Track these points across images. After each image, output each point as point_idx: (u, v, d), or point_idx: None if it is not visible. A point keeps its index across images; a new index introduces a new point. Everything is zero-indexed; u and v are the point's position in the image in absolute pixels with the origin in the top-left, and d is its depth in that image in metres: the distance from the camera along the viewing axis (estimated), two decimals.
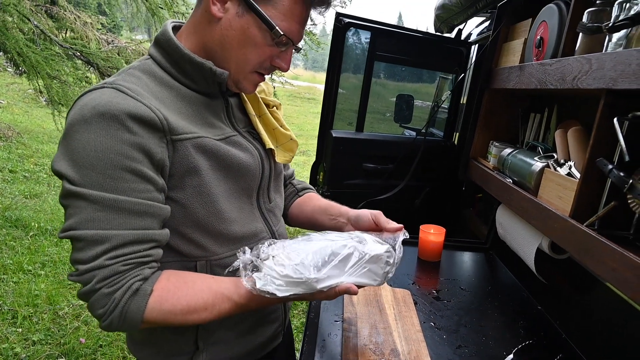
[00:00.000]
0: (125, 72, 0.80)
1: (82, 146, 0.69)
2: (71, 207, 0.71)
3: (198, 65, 0.82)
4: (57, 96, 4.17)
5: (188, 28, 0.86)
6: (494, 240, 1.71)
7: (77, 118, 0.70)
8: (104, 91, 0.73)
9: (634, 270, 0.76)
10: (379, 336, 1.09)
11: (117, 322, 0.72)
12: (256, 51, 0.82)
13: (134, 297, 0.72)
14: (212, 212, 0.83)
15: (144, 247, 0.74)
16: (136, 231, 0.72)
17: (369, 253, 0.83)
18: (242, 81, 0.87)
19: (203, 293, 0.78)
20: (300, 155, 7.95)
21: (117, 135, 0.70)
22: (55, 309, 2.71)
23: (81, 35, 5.57)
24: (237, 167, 0.86)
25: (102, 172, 0.70)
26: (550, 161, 1.18)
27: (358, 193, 2.21)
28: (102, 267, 0.70)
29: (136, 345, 0.94)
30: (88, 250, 0.70)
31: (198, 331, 0.88)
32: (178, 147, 0.77)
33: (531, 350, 1.08)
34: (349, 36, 2.38)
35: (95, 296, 0.71)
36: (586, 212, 0.96)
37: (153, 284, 0.75)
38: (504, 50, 1.59)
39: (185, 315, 0.76)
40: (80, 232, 0.70)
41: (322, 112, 2.19)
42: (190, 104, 0.83)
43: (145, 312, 0.73)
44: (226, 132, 0.88)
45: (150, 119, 0.73)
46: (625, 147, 0.86)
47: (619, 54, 0.87)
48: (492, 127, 1.68)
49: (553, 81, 1.13)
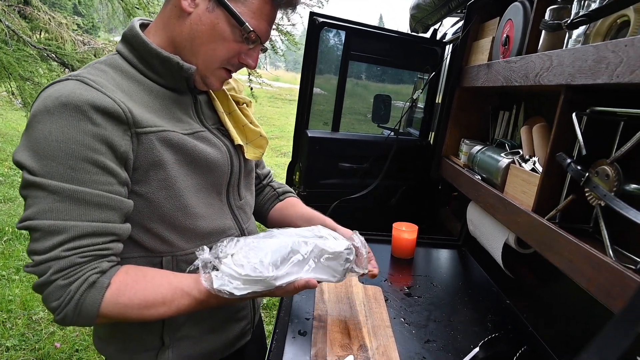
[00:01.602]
0: (91, 66, 0.80)
1: (44, 136, 0.68)
2: (30, 198, 0.69)
3: (165, 60, 0.82)
4: (31, 98, 4.07)
5: (156, 24, 0.86)
6: (466, 237, 1.73)
7: (40, 109, 0.69)
8: (68, 83, 0.72)
9: (587, 260, 0.77)
10: (349, 332, 1.09)
11: (71, 316, 0.70)
12: (224, 46, 0.83)
13: (90, 289, 0.71)
14: (178, 207, 0.83)
15: (102, 240, 0.73)
16: (95, 223, 0.71)
17: (328, 250, 0.83)
18: (209, 77, 0.87)
19: (162, 288, 0.77)
20: (280, 156, 7.92)
21: (79, 126, 0.69)
22: (29, 314, 2.65)
23: (56, 36, 5.45)
24: (205, 162, 0.86)
25: (63, 162, 0.68)
26: (516, 157, 1.20)
27: (334, 192, 2.21)
28: (58, 258, 0.69)
29: (102, 342, 0.93)
30: (44, 241, 0.68)
31: (164, 327, 0.87)
32: (142, 140, 0.77)
33: (498, 343, 1.10)
34: (329, 37, 2.38)
35: (50, 288, 0.69)
36: (548, 206, 0.98)
37: (111, 277, 0.73)
38: (474, 48, 1.61)
39: (142, 309, 0.75)
40: (38, 222, 0.68)
41: (297, 112, 2.18)
42: (158, 99, 0.83)
43: (101, 306, 0.71)
44: (194, 127, 0.88)
45: (114, 111, 0.72)
46: (582, 141, 0.88)
47: (577, 50, 0.89)
48: (463, 125, 1.70)
49: (518, 78, 1.15)
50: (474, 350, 1.06)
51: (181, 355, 0.90)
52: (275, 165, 7.44)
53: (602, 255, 0.75)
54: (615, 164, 0.80)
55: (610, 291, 0.72)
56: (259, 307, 1.10)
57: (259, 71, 4.71)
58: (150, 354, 0.88)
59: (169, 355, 0.88)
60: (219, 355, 0.98)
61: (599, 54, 0.80)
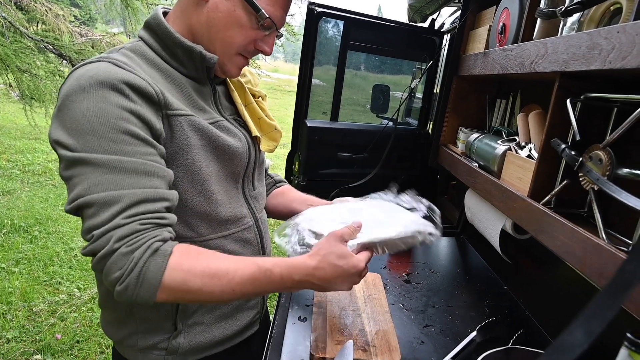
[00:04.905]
0: (117, 51, 0.81)
1: (82, 113, 0.69)
2: (75, 177, 0.69)
3: (188, 50, 0.84)
4: (29, 90, 4.07)
5: (175, 12, 0.88)
6: (465, 224, 1.75)
7: (74, 88, 0.70)
8: (100, 64, 0.73)
9: (581, 243, 0.79)
10: (348, 318, 1.11)
11: (133, 285, 0.67)
12: (241, 33, 0.85)
13: (154, 256, 0.68)
14: (201, 192, 0.84)
15: (157, 207, 0.71)
16: (148, 189, 0.71)
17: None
18: (227, 64, 0.90)
19: (224, 258, 0.76)
20: (280, 147, 7.92)
21: (117, 101, 0.70)
22: (29, 305, 2.67)
23: (53, 28, 5.42)
24: (227, 150, 0.88)
25: (105, 136, 0.69)
26: (513, 144, 1.21)
27: (334, 182, 2.22)
28: (119, 226, 0.67)
29: (112, 326, 0.92)
30: (101, 214, 0.67)
31: (177, 312, 0.88)
32: (173, 122, 0.79)
33: (494, 327, 1.12)
34: (328, 28, 2.38)
35: (113, 257, 0.66)
36: (543, 191, 1.00)
37: (173, 246, 0.72)
38: (471, 37, 1.61)
39: (205, 278, 0.72)
40: (90, 196, 0.67)
41: (296, 102, 2.19)
42: (180, 87, 0.85)
43: (164, 274, 0.68)
44: (214, 117, 0.90)
45: (148, 91, 0.74)
46: (576, 127, 0.89)
47: (571, 37, 0.90)
48: (461, 113, 1.71)
49: (514, 66, 1.16)
50: (472, 334, 1.08)
51: (192, 341, 0.91)
52: (274, 157, 7.44)
53: (595, 238, 0.77)
54: (608, 149, 0.81)
55: (602, 272, 0.74)
56: (267, 297, 1.12)
57: (258, 62, 4.70)
58: (163, 338, 0.89)
59: (180, 341, 0.89)
60: (229, 343, 0.99)
61: (592, 40, 0.81)
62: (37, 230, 3.73)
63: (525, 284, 1.33)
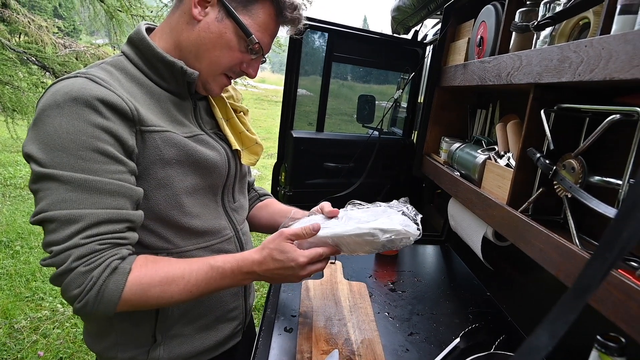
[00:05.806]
0: (97, 66, 0.82)
1: (54, 129, 0.70)
2: (42, 191, 0.70)
3: (169, 64, 0.86)
4: (10, 102, 4.01)
5: (163, 29, 0.90)
6: (449, 232, 1.78)
7: (50, 103, 0.71)
8: (77, 79, 0.74)
9: (556, 249, 0.81)
10: (334, 327, 1.12)
11: (92, 303, 0.70)
12: (229, 55, 0.88)
13: (112, 275, 0.71)
14: (174, 205, 0.85)
15: (119, 227, 0.74)
16: (110, 210, 0.72)
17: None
18: (210, 82, 0.91)
19: (180, 263, 0.81)
20: (267, 158, 7.92)
21: (89, 118, 0.71)
22: (11, 322, 2.61)
23: (36, 39, 5.36)
24: (205, 164, 0.89)
25: (74, 153, 0.70)
26: (492, 153, 1.24)
27: (320, 192, 2.24)
28: (77, 245, 0.69)
29: (93, 339, 0.93)
30: (62, 231, 0.69)
31: (156, 324, 0.89)
32: (146, 138, 0.79)
33: (477, 333, 1.14)
34: (314, 39, 2.41)
35: (70, 276, 0.69)
36: (521, 199, 1.02)
37: (131, 263, 0.74)
38: (452, 49, 1.66)
39: (163, 286, 0.76)
40: (53, 212, 0.69)
41: (282, 113, 2.21)
42: (160, 102, 0.86)
43: (124, 290, 0.72)
44: (193, 130, 0.91)
45: (122, 108, 0.75)
46: (550, 136, 0.93)
47: (543, 50, 0.93)
48: (443, 123, 1.75)
49: (491, 77, 1.20)
50: (455, 341, 1.10)
51: (172, 353, 0.91)
52: (262, 167, 7.44)
53: (569, 244, 0.80)
54: (580, 157, 0.84)
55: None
56: (250, 309, 1.12)
57: None
58: (142, 351, 0.89)
59: (160, 353, 0.90)
60: (210, 354, 0.99)
61: (562, 54, 0.84)
62: (19, 245, 3.66)
63: (507, 290, 1.35)
